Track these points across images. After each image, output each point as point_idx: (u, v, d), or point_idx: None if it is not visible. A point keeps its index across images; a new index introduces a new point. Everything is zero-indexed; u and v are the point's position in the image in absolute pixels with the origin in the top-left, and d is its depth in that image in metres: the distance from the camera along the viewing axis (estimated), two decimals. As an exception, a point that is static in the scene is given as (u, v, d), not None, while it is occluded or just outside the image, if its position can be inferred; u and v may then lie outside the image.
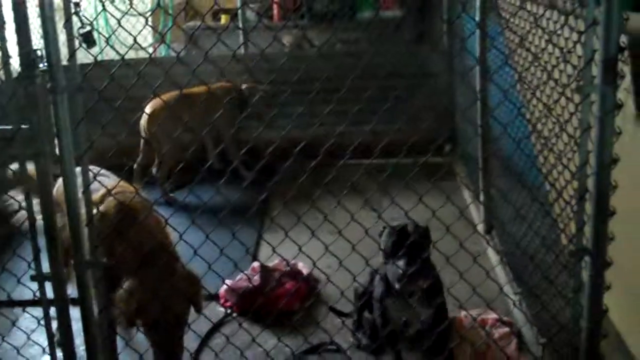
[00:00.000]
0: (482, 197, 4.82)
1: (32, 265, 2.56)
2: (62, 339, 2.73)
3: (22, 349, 3.29)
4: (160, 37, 6.93)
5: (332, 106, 3.27)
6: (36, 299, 2.85)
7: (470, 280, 2.92)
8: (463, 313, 3.65)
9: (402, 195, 3.11)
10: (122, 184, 3.08)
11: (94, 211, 2.66)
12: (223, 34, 3.32)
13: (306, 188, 3.18)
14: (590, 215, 2.43)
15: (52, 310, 2.66)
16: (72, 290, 2.60)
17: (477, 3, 4.33)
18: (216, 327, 3.86)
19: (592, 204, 2.41)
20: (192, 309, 3.09)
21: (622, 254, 2.49)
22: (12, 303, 3.93)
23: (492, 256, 4.55)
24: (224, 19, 7.18)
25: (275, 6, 7.15)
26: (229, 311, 4.05)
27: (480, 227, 4.93)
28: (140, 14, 6.18)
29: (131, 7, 5.91)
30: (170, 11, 6.86)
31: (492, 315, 3.71)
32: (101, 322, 2.67)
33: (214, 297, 4.09)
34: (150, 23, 6.71)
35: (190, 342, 3.42)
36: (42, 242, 2.54)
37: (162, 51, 6.88)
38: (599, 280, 2.49)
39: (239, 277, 4.11)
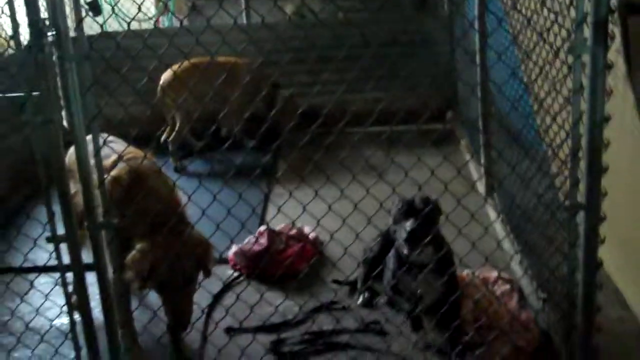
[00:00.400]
0: (482, 159, 4.91)
1: (48, 228, 2.65)
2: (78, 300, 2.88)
3: (40, 311, 3.42)
4: (163, 8, 6.97)
5: (334, 74, 3.33)
6: (51, 265, 2.97)
7: (469, 237, 3.01)
8: (465, 271, 3.75)
9: (405, 160, 3.19)
10: (132, 149, 3.17)
11: (106, 176, 2.75)
12: (226, 3, 3.37)
13: (311, 153, 3.25)
14: (584, 172, 2.52)
15: (68, 275, 2.77)
16: (86, 256, 2.70)
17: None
18: (226, 288, 3.99)
19: (586, 161, 2.49)
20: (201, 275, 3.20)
21: (616, 208, 2.58)
22: (27, 269, 4.06)
23: (492, 215, 4.65)
24: (225, -13, 7.20)
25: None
26: (236, 274, 4.16)
27: (481, 189, 5.02)
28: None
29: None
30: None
31: (493, 273, 3.81)
32: (115, 281, 2.77)
33: (224, 261, 4.20)
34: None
35: (202, 301, 3.55)
36: (56, 207, 2.65)
37: (165, 22, 6.93)
38: (594, 234, 2.58)
39: (246, 240, 4.23)
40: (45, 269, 3.95)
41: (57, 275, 3.00)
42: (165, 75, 5.80)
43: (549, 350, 3.26)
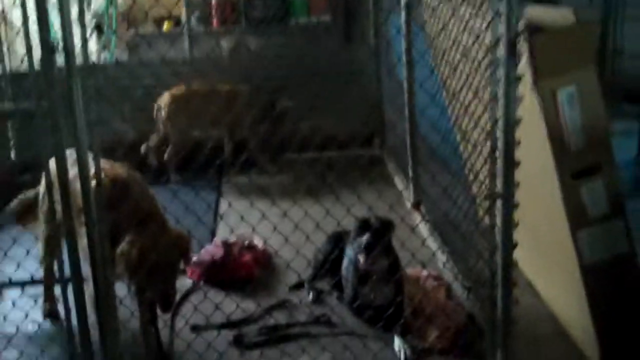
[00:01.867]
0: (410, 174, 5.50)
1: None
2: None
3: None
4: (103, 45, 7.35)
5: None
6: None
7: (408, 247, 3.59)
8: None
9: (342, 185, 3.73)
10: (112, 163, 3.55)
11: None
12: (166, 40, 3.84)
13: (258, 178, 3.73)
14: (500, 167, 3.07)
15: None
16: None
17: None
18: (189, 293, 4.40)
19: (502, 157, 3.02)
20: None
21: (525, 200, 3.12)
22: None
23: (421, 225, 5.23)
24: (167, 25, 7.66)
25: (214, 13, 7.71)
26: (195, 282, 4.55)
27: (409, 204, 5.63)
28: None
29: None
30: (114, 18, 7.31)
31: (424, 272, 4.36)
32: (106, 274, 3.10)
33: (182, 271, 4.56)
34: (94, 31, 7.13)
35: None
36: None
37: (108, 57, 7.29)
38: (510, 219, 3.10)
39: (203, 251, 4.63)
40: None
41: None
42: (164, 97, 6.30)
43: (475, 328, 3.77)
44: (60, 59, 2.76)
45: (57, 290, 3.79)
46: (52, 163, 3.01)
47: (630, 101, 8.25)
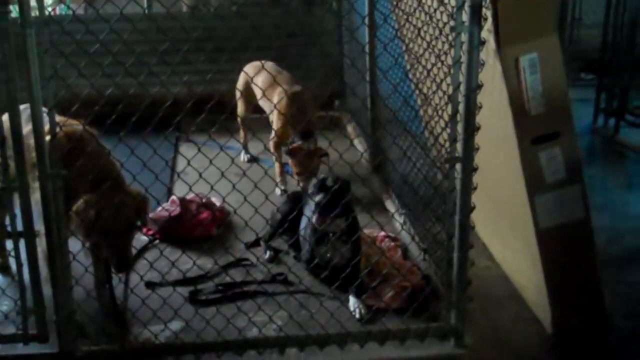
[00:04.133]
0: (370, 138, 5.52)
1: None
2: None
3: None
4: (58, -1, 7.15)
5: (229, 63, 3.72)
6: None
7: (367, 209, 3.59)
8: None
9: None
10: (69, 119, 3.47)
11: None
12: None
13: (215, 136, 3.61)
14: (460, 131, 3.08)
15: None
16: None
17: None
18: (145, 249, 4.38)
19: (462, 121, 3.04)
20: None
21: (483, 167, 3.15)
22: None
23: (382, 190, 5.26)
24: (125, -21, 7.47)
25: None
26: (151, 239, 4.52)
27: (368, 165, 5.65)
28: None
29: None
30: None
31: (382, 233, 4.40)
32: (60, 227, 3.05)
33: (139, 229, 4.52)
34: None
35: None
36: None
37: (63, 12, 7.11)
38: (468, 182, 3.14)
39: (159, 208, 4.59)
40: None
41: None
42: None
43: (430, 288, 3.82)
44: (14, 11, 2.67)
45: (9, 244, 3.71)
46: (5, 117, 2.93)
47: (587, 71, 8.44)
